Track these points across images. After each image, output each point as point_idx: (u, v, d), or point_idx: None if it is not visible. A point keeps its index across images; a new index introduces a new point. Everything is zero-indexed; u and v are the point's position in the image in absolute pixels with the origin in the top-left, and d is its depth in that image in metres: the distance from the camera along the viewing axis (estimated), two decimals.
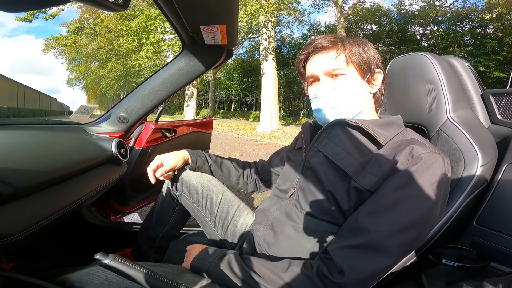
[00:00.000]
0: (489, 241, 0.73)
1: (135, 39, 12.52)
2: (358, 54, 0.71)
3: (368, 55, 0.72)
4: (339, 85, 0.72)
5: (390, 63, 0.96)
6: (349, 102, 0.72)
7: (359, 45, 0.72)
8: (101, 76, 29.16)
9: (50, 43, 18.40)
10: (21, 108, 21.65)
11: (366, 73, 0.72)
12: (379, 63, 0.74)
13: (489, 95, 0.92)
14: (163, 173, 0.95)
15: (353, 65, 0.71)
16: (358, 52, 0.71)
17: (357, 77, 0.72)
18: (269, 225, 0.78)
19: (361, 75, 0.72)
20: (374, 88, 0.75)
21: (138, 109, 1.23)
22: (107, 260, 0.51)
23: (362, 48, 0.72)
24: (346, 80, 0.72)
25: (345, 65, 0.71)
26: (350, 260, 0.57)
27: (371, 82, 0.74)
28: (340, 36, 0.74)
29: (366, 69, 0.72)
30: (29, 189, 0.65)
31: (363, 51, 0.71)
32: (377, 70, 0.74)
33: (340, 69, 0.71)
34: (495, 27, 15.07)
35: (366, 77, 0.72)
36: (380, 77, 0.75)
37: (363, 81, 0.72)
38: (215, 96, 32.42)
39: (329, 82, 0.73)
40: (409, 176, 0.59)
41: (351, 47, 0.71)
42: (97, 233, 1.31)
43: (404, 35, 18.68)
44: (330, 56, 0.71)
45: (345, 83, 0.72)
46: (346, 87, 0.72)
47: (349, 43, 0.72)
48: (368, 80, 0.73)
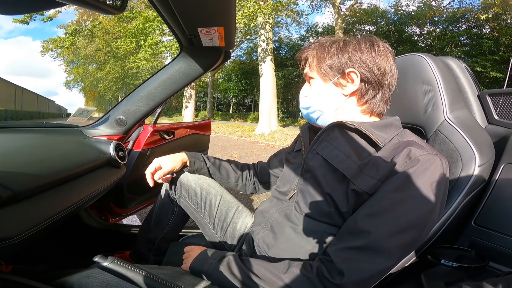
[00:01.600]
0: (488, 241, 0.73)
1: (133, 41, 12.50)
2: (321, 59, 0.72)
3: (334, 58, 0.70)
4: (309, 89, 0.78)
5: None
6: (317, 103, 0.75)
7: (328, 48, 0.71)
8: (99, 78, 29.13)
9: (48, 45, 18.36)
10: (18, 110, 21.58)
11: (330, 76, 0.72)
12: (355, 63, 0.69)
13: (486, 96, 0.93)
14: (161, 175, 0.95)
15: (315, 70, 0.74)
16: (320, 57, 0.72)
17: (320, 81, 0.74)
18: (268, 227, 0.78)
19: (323, 78, 0.73)
20: (347, 90, 0.71)
21: (136, 112, 1.23)
22: (106, 262, 0.51)
23: (328, 52, 0.71)
24: (314, 84, 0.76)
25: (309, 70, 0.76)
26: (350, 262, 0.57)
27: (342, 84, 0.71)
28: (318, 41, 0.76)
29: (330, 72, 0.71)
30: (27, 192, 0.65)
31: (328, 56, 0.71)
32: (349, 70, 0.69)
33: (310, 73, 0.76)
34: (491, 27, 15.15)
35: (331, 80, 0.72)
36: (355, 77, 0.70)
37: (326, 84, 0.73)
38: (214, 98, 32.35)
39: (306, 86, 0.80)
40: (407, 178, 0.59)
41: (317, 53, 0.73)
42: (96, 236, 1.30)
43: (401, 36, 18.75)
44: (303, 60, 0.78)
45: (313, 87, 0.76)
46: (313, 90, 0.76)
47: (318, 48, 0.74)
48: (337, 83, 0.72)
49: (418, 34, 19.52)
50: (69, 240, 1.28)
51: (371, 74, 0.69)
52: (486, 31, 15.84)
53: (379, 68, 0.69)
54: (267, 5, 10.19)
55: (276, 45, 24.30)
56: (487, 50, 15.10)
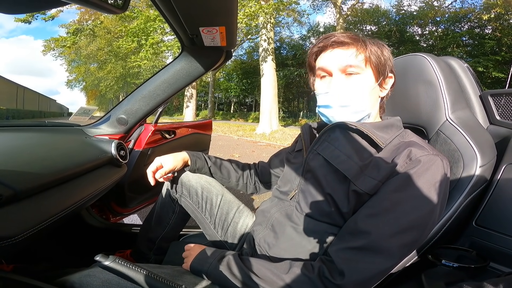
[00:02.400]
0: (489, 241, 0.73)
1: (135, 41, 12.51)
2: (377, 56, 0.69)
3: (385, 58, 0.71)
4: (352, 84, 0.69)
5: None
6: (360, 102, 0.70)
7: (378, 47, 0.70)
8: (101, 78, 29.17)
9: (49, 44, 18.41)
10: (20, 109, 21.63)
11: (380, 76, 0.71)
12: (392, 67, 0.73)
13: (488, 96, 0.93)
14: (162, 174, 0.95)
15: (370, 66, 0.70)
16: (376, 54, 0.69)
17: (372, 78, 0.70)
18: (269, 226, 0.78)
19: (376, 77, 0.71)
20: (383, 92, 0.74)
21: (137, 111, 1.23)
22: (107, 261, 0.51)
23: (381, 50, 0.70)
24: (360, 80, 0.69)
25: (363, 65, 0.69)
26: (350, 262, 0.57)
27: (382, 85, 0.73)
28: (361, 35, 0.72)
29: (381, 72, 0.71)
30: (28, 191, 0.65)
31: (381, 53, 0.70)
32: (390, 75, 0.73)
33: (357, 68, 0.69)
34: (493, 27, 15.11)
35: (379, 80, 0.71)
36: (391, 82, 0.75)
37: (376, 83, 0.71)
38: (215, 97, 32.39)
39: (343, 79, 0.70)
40: (408, 178, 0.59)
41: (372, 47, 0.69)
42: (97, 235, 1.31)
43: (402, 36, 18.72)
44: (350, 53, 0.69)
45: (359, 83, 0.69)
46: (360, 87, 0.69)
47: (370, 43, 0.70)
48: (380, 83, 0.72)
49: (420, 34, 19.50)
50: (70, 239, 1.28)
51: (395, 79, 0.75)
52: (488, 31, 15.80)
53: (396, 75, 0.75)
54: (269, 4, 10.19)
55: (277, 45, 24.31)
56: (489, 50, 15.06)
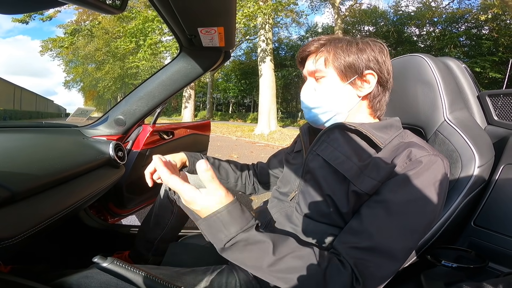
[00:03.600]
0: (487, 241, 0.73)
1: (133, 41, 12.50)
2: (341, 56, 0.69)
3: (354, 57, 0.68)
4: (319, 87, 0.73)
5: None
6: (328, 104, 0.71)
7: (347, 46, 0.69)
8: (98, 78, 29.08)
9: (47, 44, 18.35)
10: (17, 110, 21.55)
11: (348, 75, 0.70)
12: (373, 65, 0.69)
13: (486, 96, 0.93)
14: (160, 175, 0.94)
15: (332, 67, 0.70)
16: (340, 54, 0.69)
17: (336, 79, 0.71)
18: (269, 227, 0.77)
19: (341, 77, 0.70)
20: (363, 91, 0.71)
21: (135, 112, 1.23)
22: (106, 263, 0.51)
23: (349, 49, 0.69)
24: (326, 82, 0.71)
25: (323, 67, 0.70)
26: (358, 261, 0.56)
27: (358, 84, 0.70)
28: (331, 38, 0.72)
29: (349, 71, 0.69)
30: (26, 193, 0.65)
31: (348, 53, 0.69)
32: (367, 72, 0.69)
33: (319, 71, 0.71)
34: (490, 28, 15.19)
35: (349, 79, 0.70)
36: (372, 79, 0.70)
37: (344, 83, 0.70)
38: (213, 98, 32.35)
39: (312, 83, 0.74)
40: (408, 179, 0.59)
41: (335, 49, 0.70)
42: (95, 236, 1.30)
43: (400, 36, 18.81)
44: (311, 59, 0.73)
45: (325, 85, 0.72)
46: (325, 89, 0.72)
47: (335, 45, 0.70)
48: (353, 83, 0.70)
49: (417, 34, 19.60)
50: (68, 241, 1.27)
51: (384, 76, 0.71)
52: (485, 32, 15.89)
53: (388, 71, 0.71)
54: (267, 5, 10.20)
55: (276, 46, 24.32)
56: (486, 50, 15.15)
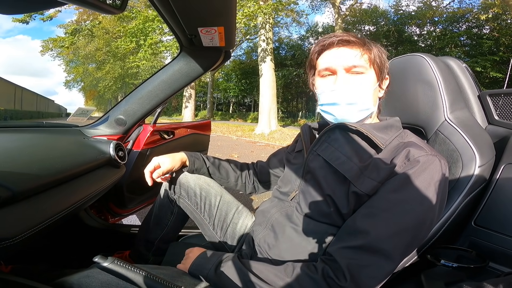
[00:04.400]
0: (488, 241, 0.73)
1: (133, 41, 12.49)
2: (379, 57, 0.71)
3: (384, 60, 0.73)
4: (357, 83, 0.70)
5: None
6: (365, 101, 0.71)
7: (378, 49, 0.73)
8: (99, 78, 29.08)
9: (48, 44, 18.37)
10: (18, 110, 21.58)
11: (379, 77, 0.73)
12: (388, 69, 0.75)
13: (486, 96, 0.93)
14: (160, 175, 0.94)
15: (373, 67, 0.71)
16: (379, 55, 0.72)
17: (375, 79, 0.72)
18: (269, 226, 0.78)
19: (378, 78, 0.72)
20: (381, 93, 0.76)
21: (136, 111, 1.23)
22: (106, 263, 0.51)
23: (381, 52, 0.73)
24: (364, 79, 0.70)
25: (368, 65, 0.70)
26: (353, 262, 0.57)
27: (381, 86, 0.75)
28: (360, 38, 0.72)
29: (381, 72, 0.73)
30: (26, 192, 0.65)
31: (381, 55, 0.72)
32: (386, 76, 0.75)
33: (362, 68, 0.70)
34: (491, 27, 15.16)
35: (378, 80, 0.73)
36: (386, 83, 0.77)
37: (377, 83, 0.73)
38: (214, 97, 32.35)
39: (348, 77, 0.70)
40: (406, 179, 0.59)
41: (374, 49, 0.71)
42: (96, 236, 1.30)
43: (401, 36, 18.75)
44: (355, 52, 0.70)
45: (364, 82, 0.70)
46: (365, 86, 0.70)
47: (374, 44, 0.73)
48: (379, 84, 0.74)
49: (418, 34, 19.54)
50: (69, 240, 1.28)
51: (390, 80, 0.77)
52: (486, 31, 15.86)
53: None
54: (267, 5, 10.19)
55: (276, 45, 24.29)
56: (487, 50, 15.12)
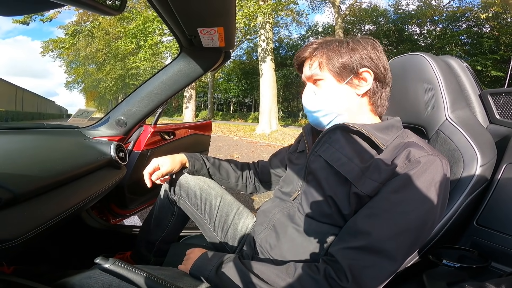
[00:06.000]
0: (490, 241, 0.73)
1: (133, 41, 12.50)
2: (334, 58, 0.70)
3: (347, 57, 0.70)
4: (318, 90, 0.74)
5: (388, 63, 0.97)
6: (328, 106, 0.73)
7: (338, 47, 0.71)
8: (99, 79, 29.11)
9: (48, 45, 18.42)
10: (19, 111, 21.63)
11: (344, 75, 0.71)
12: (367, 62, 0.70)
13: (487, 95, 0.92)
14: (159, 176, 0.94)
15: (327, 70, 0.71)
16: (332, 57, 0.70)
17: (332, 80, 0.72)
18: (271, 227, 0.77)
19: (337, 78, 0.71)
20: (361, 90, 0.71)
21: (136, 112, 1.23)
22: (108, 264, 0.51)
23: (340, 50, 0.70)
24: (324, 85, 0.73)
25: (319, 70, 0.72)
26: (354, 263, 0.56)
27: (355, 83, 0.71)
28: (323, 41, 0.74)
29: (343, 71, 0.70)
30: (28, 194, 0.65)
31: (340, 55, 0.70)
32: (362, 70, 0.70)
33: (316, 75, 0.73)
34: (491, 26, 15.13)
35: (345, 80, 0.71)
36: (368, 76, 0.71)
37: (341, 84, 0.71)
38: (214, 98, 32.37)
39: (311, 88, 0.75)
40: (406, 179, 0.59)
41: (327, 52, 0.71)
42: (97, 237, 1.30)
43: (401, 35, 18.74)
44: (307, 64, 0.75)
45: (323, 88, 0.73)
46: (324, 92, 0.73)
47: (327, 47, 0.72)
48: (350, 82, 0.71)
49: (418, 33, 19.53)
50: (70, 241, 1.28)
51: (380, 72, 0.71)
52: (486, 30, 15.84)
53: (384, 66, 0.71)
54: (267, 4, 10.19)
55: (276, 45, 24.30)
56: (487, 49, 15.10)
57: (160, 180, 0.96)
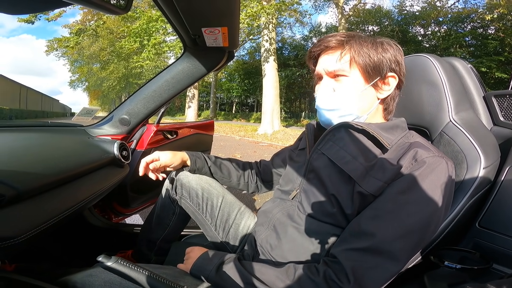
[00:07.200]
0: (492, 243, 0.73)
1: (137, 41, 12.53)
2: (367, 56, 0.66)
3: (380, 57, 0.66)
4: (339, 87, 0.69)
5: None
6: (347, 106, 0.69)
7: (372, 45, 0.67)
8: (103, 78, 29.27)
9: (53, 44, 18.56)
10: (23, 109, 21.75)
11: (372, 76, 0.68)
12: (395, 66, 0.68)
13: (492, 97, 0.92)
14: (156, 167, 0.93)
15: (357, 67, 0.67)
16: (367, 54, 0.66)
17: (360, 80, 0.68)
18: (271, 227, 0.77)
19: (365, 78, 0.68)
20: (383, 94, 0.70)
21: (140, 111, 1.24)
22: (110, 262, 0.51)
23: (375, 49, 0.67)
24: (347, 82, 0.68)
25: (348, 66, 0.67)
26: (357, 264, 0.56)
27: (379, 86, 0.69)
28: (354, 34, 0.69)
29: (373, 72, 0.67)
30: (31, 192, 0.66)
31: (375, 53, 0.66)
32: (390, 74, 0.68)
33: (341, 71, 0.67)
34: (496, 27, 15.05)
35: (372, 81, 0.68)
36: (393, 81, 0.69)
37: (367, 85, 0.68)
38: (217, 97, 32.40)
39: (330, 83, 0.70)
40: (412, 180, 0.59)
41: (360, 47, 0.66)
42: (99, 235, 1.31)
43: (405, 36, 18.65)
44: (335, 57, 0.68)
45: (346, 86, 0.68)
46: (346, 90, 0.68)
47: (360, 43, 0.67)
48: (376, 85, 0.69)
49: (422, 34, 19.45)
50: (73, 239, 1.28)
51: (402, 78, 0.70)
52: (491, 32, 15.75)
53: (404, 73, 0.70)
54: (270, 5, 10.19)
55: (279, 45, 24.26)
56: (492, 50, 15.02)
57: (155, 176, 0.95)
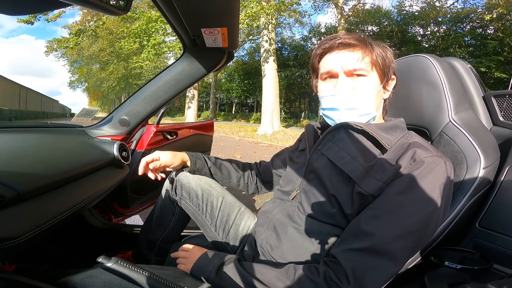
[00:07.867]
0: (492, 243, 0.73)
1: (136, 41, 12.53)
2: (382, 58, 0.69)
3: (388, 60, 0.71)
4: (358, 86, 0.69)
5: None
6: (366, 105, 0.70)
7: (382, 49, 0.70)
8: (103, 79, 29.31)
9: (52, 45, 18.55)
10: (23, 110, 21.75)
11: (384, 78, 0.71)
12: (395, 69, 0.73)
13: (491, 97, 0.92)
14: (156, 167, 0.93)
15: (375, 69, 0.69)
16: (382, 56, 0.69)
17: (377, 81, 0.70)
18: (271, 227, 0.77)
19: (381, 79, 0.71)
20: (387, 94, 0.74)
21: (139, 112, 1.23)
22: (110, 263, 0.51)
23: (385, 52, 0.70)
24: (366, 82, 0.69)
25: (369, 67, 0.69)
26: (356, 264, 0.56)
27: (386, 87, 0.73)
28: (365, 36, 0.71)
29: (386, 74, 0.71)
30: (31, 192, 0.65)
31: (386, 55, 0.70)
32: (392, 76, 0.73)
33: (362, 70, 0.68)
34: (495, 27, 15.07)
35: (383, 82, 0.71)
36: (393, 83, 0.75)
37: (381, 86, 0.71)
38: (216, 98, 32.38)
39: (348, 82, 0.69)
40: (411, 180, 0.59)
41: (377, 49, 0.69)
42: (99, 236, 1.31)
43: (404, 36, 18.67)
44: (356, 55, 0.68)
45: (365, 85, 0.69)
46: (366, 89, 0.69)
47: (376, 45, 0.70)
48: (384, 86, 0.72)
49: (421, 34, 19.45)
50: (72, 240, 1.28)
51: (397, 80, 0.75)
52: (491, 32, 15.76)
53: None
54: (270, 5, 10.20)
55: (279, 46, 24.24)
56: (491, 50, 15.02)
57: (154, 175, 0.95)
